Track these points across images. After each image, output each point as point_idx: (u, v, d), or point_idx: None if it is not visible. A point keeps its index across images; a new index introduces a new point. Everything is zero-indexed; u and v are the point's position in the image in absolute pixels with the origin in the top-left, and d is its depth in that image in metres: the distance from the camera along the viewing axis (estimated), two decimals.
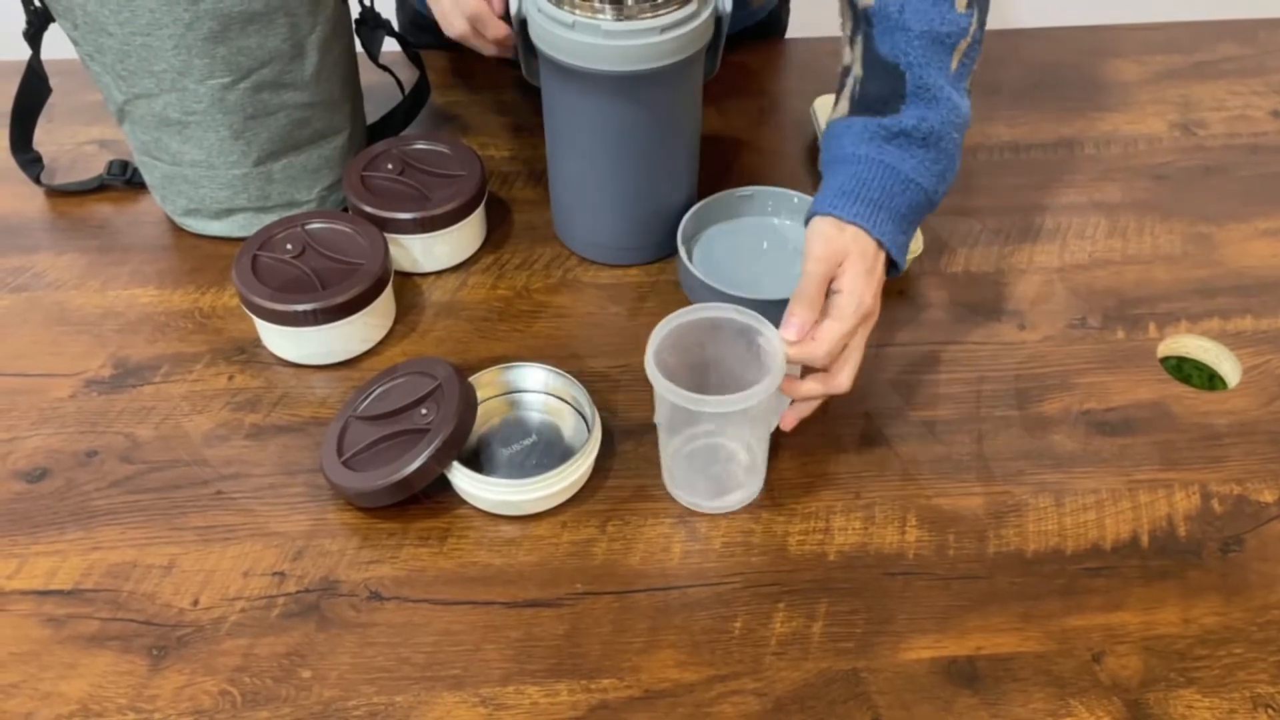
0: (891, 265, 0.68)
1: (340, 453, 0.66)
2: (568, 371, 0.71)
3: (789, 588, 0.63)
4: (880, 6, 0.67)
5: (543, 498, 0.65)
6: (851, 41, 0.70)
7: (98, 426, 0.71)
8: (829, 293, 0.64)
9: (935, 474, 0.69)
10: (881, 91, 0.67)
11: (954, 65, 0.68)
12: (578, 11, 0.70)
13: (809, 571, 0.64)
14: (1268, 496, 0.68)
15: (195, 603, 0.62)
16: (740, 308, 0.64)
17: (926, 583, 0.64)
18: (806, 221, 0.67)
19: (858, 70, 0.68)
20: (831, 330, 0.63)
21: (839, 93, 0.70)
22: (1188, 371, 0.79)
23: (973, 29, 0.68)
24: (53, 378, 0.75)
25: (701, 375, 0.67)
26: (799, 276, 0.65)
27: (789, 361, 0.63)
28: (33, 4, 0.78)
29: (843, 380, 0.64)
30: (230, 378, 0.75)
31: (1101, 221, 0.87)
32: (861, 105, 0.68)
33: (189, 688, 0.58)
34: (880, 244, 0.66)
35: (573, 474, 0.66)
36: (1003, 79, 1.02)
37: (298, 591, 0.63)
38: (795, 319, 0.63)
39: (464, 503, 0.67)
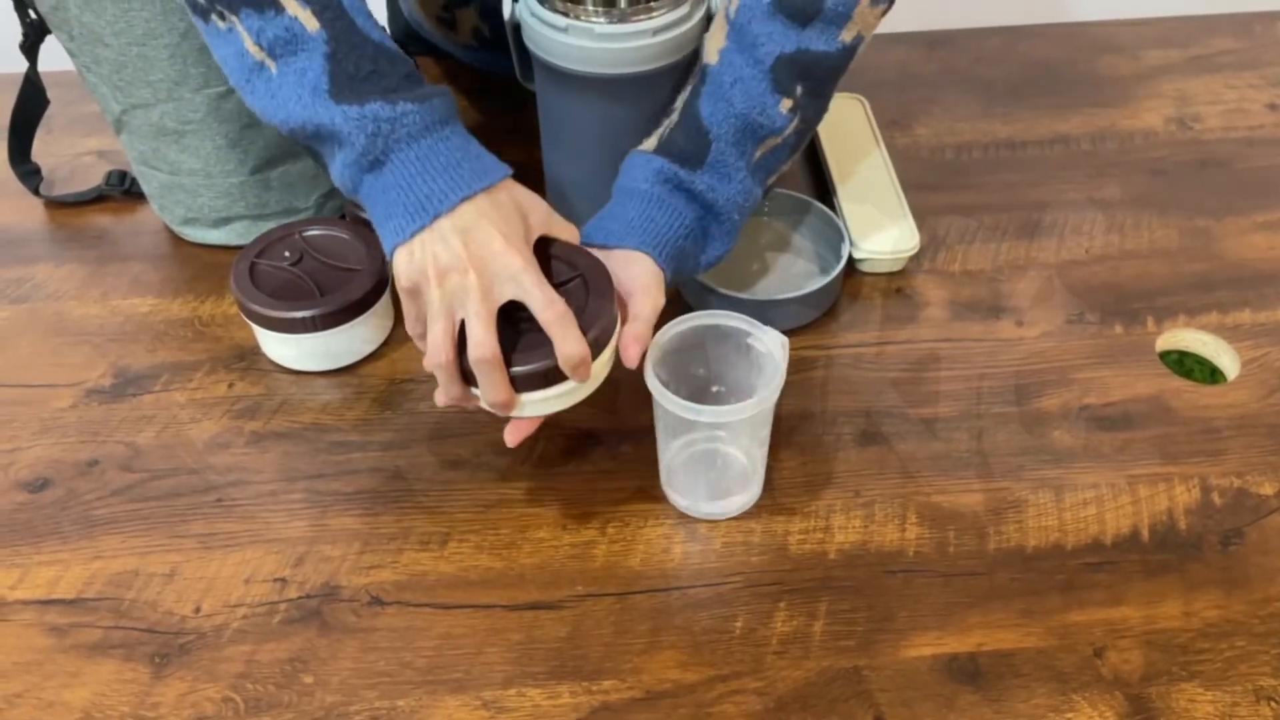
0: None
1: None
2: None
3: (789, 587, 0.63)
4: (715, 72, 0.69)
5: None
6: (685, 89, 0.71)
7: (99, 436, 0.72)
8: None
9: (935, 471, 0.69)
10: (686, 148, 0.68)
11: (757, 155, 0.70)
12: (570, 15, 0.70)
13: (809, 570, 0.64)
14: (1268, 489, 0.68)
15: (197, 610, 0.62)
16: (738, 315, 0.65)
17: (927, 580, 0.64)
18: (603, 239, 0.67)
19: (675, 118, 0.70)
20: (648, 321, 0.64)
21: (659, 126, 0.71)
22: (1189, 365, 0.79)
23: (787, 132, 0.70)
24: (53, 388, 0.75)
25: (701, 381, 0.67)
26: (794, 275, 0.65)
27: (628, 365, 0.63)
28: (29, 16, 0.79)
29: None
30: (230, 385, 0.75)
31: (1099, 217, 0.87)
32: (667, 149, 0.69)
33: (191, 695, 0.59)
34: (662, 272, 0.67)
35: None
36: (998, 76, 1.03)
37: (299, 597, 0.63)
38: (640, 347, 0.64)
39: (464, 507, 0.67)
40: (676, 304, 0.80)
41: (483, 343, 0.58)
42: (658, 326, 0.64)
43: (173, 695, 0.59)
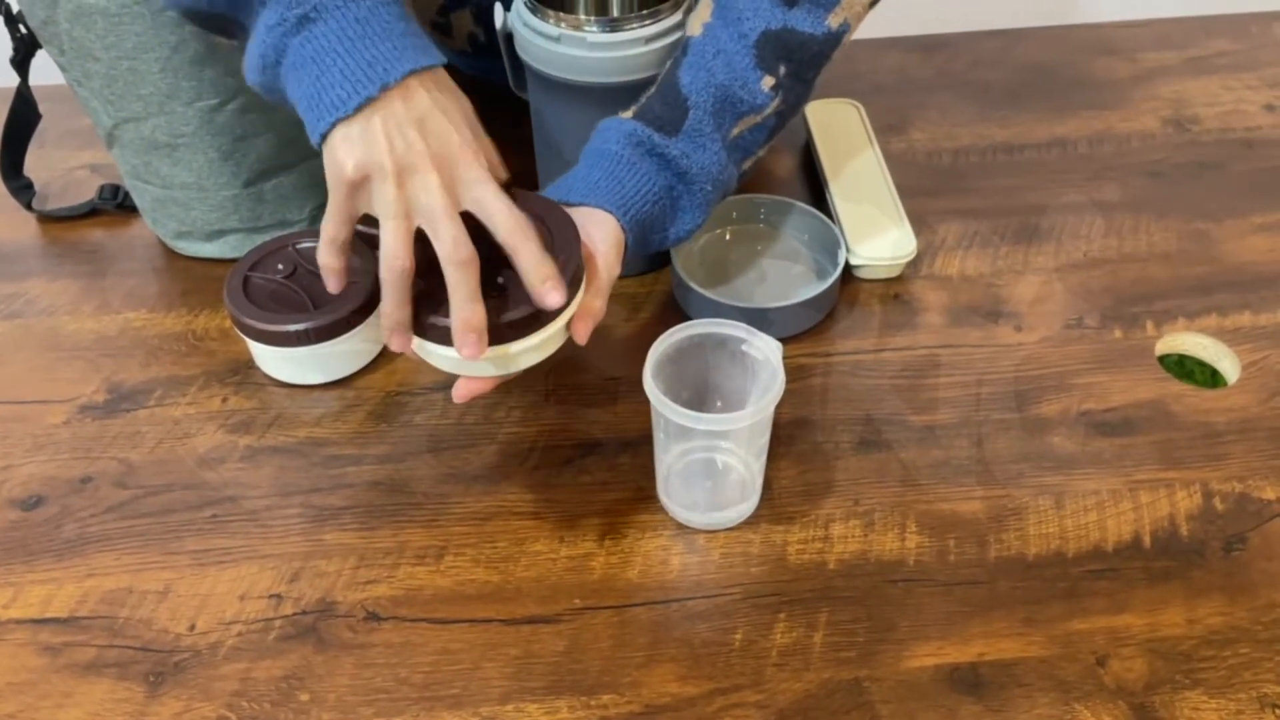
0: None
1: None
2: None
3: (789, 598, 0.63)
4: (698, 43, 0.67)
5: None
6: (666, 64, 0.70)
7: (92, 452, 0.71)
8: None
9: (934, 479, 0.69)
10: (663, 114, 0.66)
11: (734, 132, 0.68)
12: (563, 24, 0.69)
13: (809, 581, 0.64)
14: (1270, 494, 0.67)
15: (192, 628, 0.62)
16: (733, 322, 0.64)
17: (928, 589, 0.63)
18: (564, 197, 0.64)
19: (653, 89, 0.68)
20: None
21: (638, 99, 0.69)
22: (1190, 368, 0.78)
23: (767, 112, 0.68)
24: (47, 404, 0.74)
25: (700, 390, 0.67)
26: (792, 282, 0.64)
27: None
28: (19, 31, 0.78)
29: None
30: (224, 400, 0.74)
31: (1097, 220, 0.87)
32: (642, 115, 0.67)
33: (187, 714, 0.58)
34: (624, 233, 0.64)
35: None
36: (994, 79, 1.02)
37: (294, 614, 0.62)
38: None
39: (460, 520, 0.67)
40: (674, 312, 0.80)
41: (460, 241, 0.52)
42: (656, 336, 0.63)
43: (168, 714, 0.58)
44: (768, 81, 0.67)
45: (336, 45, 0.53)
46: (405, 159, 0.53)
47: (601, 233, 0.62)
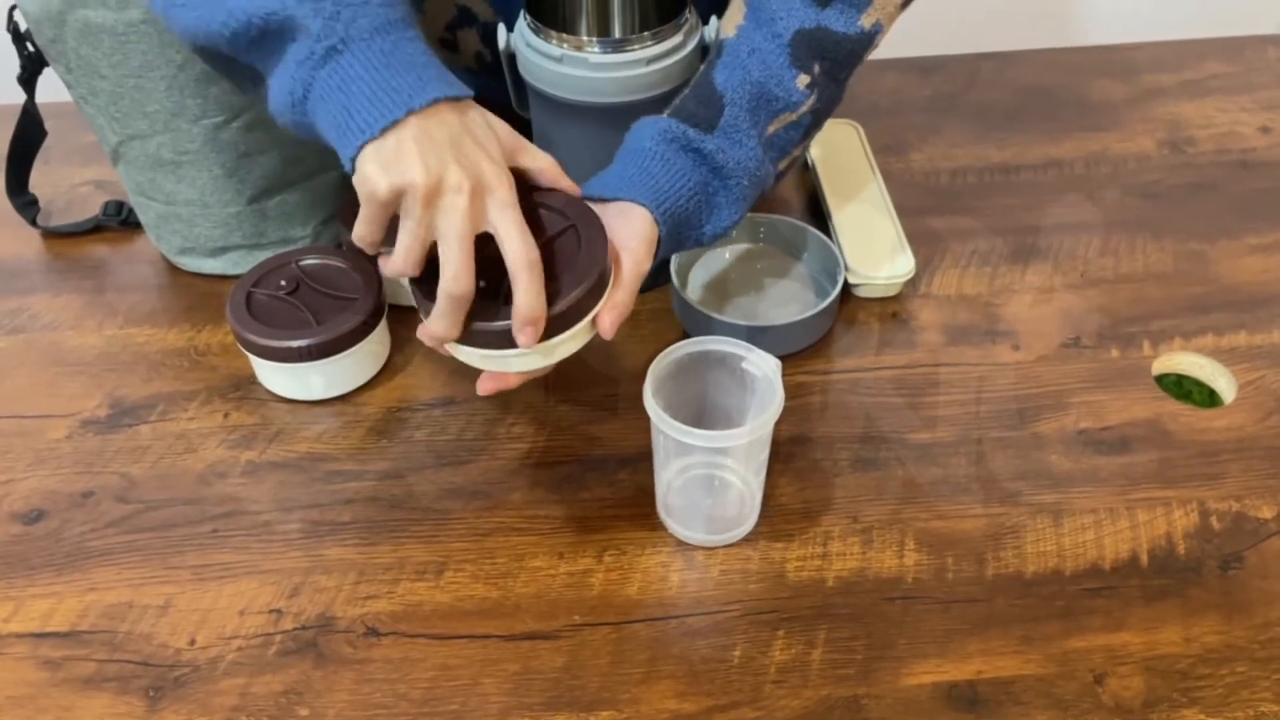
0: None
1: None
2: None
3: (788, 615, 0.63)
4: (733, 44, 0.68)
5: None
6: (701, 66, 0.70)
7: (94, 467, 0.71)
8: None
9: (933, 496, 0.69)
10: (697, 112, 0.66)
11: (770, 129, 0.68)
12: (565, 45, 0.70)
13: (808, 598, 0.64)
14: (1266, 513, 0.68)
15: (192, 642, 0.62)
16: (735, 340, 0.65)
17: (926, 607, 0.63)
18: (597, 193, 0.65)
19: (688, 90, 0.68)
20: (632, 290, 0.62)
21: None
22: (1188, 388, 0.79)
23: (803, 110, 0.68)
24: (49, 418, 0.75)
25: (700, 406, 0.67)
26: (791, 300, 0.65)
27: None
28: (26, 49, 0.79)
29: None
30: (226, 415, 0.75)
31: (1093, 240, 0.87)
32: (677, 113, 0.67)
33: None
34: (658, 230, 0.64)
35: None
36: (992, 101, 1.03)
37: (294, 629, 0.63)
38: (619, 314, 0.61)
39: (460, 536, 0.67)
40: (674, 329, 0.80)
41: (460, 276, 0.54)
42: (656, 353, 0.64)
43: None
44: (803, 79, 0.67)
45: (363, 74, 0.54)
46: (440, 179, 0.54)
47: (632, 228, 0.62)
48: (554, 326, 0.58)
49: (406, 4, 0.58)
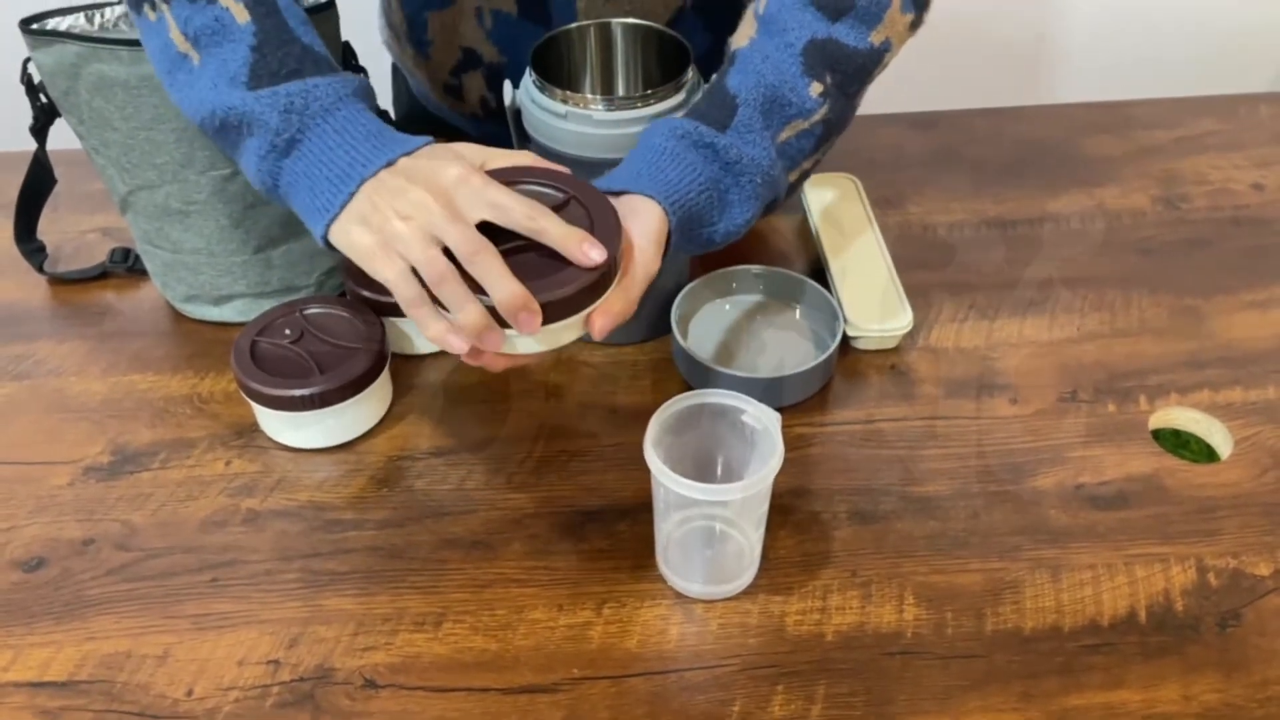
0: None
1: None
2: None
3: (787, 669, 0.63)
4: (745, 53, 0.69)
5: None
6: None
7: (95, 514, 0.72)
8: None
9: (931, 550, 0.69)
10: (710, 112, 0.67)
11: (782, 136, 0.68)
12: (570, 103, 0.72)
13: (807, 652, 0.64)
14: (1263, 570, 0.68)
15: (189, 693, 0.62)
16: (732, 393, 0.65)
17: (925, 662, 0.63)
18: (606, 186, 0.65)
19: (700, 95, 0.70)
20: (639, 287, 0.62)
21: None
22: (1186, 439, 0.79)
23: (815, 118, 0.69)
24: (51, 465, 0.75)
25: (700, 459, 0.67)
26: (790, 353, 0.65)
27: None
28: (40, 100, 0.81)
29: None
30: (228, 463, 0.75)
31: (1089, 295, 0.88)
32: (690, 113, 0.68)
33: None
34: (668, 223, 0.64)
35: None
36: (988, 156, 1.05)
37: (292, 680, 0.62)
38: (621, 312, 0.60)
39: (460, 587, 0.67)
40: (673, 381, 0.81)
41: (467, 237, 0.55)
42: (656, 405, 0.64)
43: None
44: (815, 87, 0.68)
45: (321, 156, 0.58)
46: (401, 206, 0.57)
47: (641, 224, 0.62)
48: (553, 312, 0.57)
49: (359, 78, 0.62)
